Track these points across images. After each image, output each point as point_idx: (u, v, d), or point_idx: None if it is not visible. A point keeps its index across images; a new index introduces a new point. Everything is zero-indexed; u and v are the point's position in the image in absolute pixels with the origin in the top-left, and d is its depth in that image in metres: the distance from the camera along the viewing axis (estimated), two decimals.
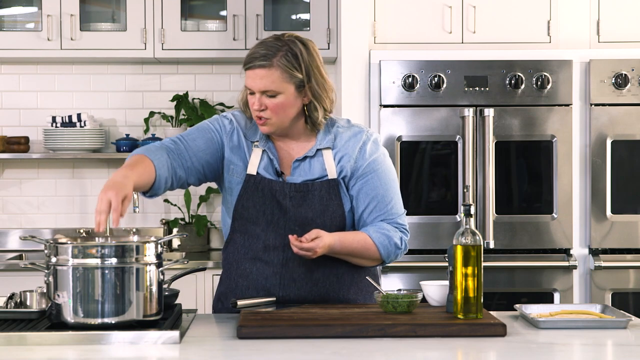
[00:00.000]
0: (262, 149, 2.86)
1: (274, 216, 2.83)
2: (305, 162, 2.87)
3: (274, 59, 2.77)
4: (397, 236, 2.88)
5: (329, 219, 2.83)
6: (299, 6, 5.06)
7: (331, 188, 2.84)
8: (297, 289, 2.85)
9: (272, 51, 2.78)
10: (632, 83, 4.41)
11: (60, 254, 2.48)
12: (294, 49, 2.79)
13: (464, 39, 4.56)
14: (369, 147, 2.89)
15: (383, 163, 2.90)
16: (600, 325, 2.60)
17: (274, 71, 2.76)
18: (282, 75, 2.76)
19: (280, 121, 2.81)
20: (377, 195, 2.87)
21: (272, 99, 2.77)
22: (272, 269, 2.85)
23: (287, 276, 2.84)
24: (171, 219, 5.15)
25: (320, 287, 2.86)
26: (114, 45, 4.86)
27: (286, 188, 2.83)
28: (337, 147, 2.87)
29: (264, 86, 2.76)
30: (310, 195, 2.83)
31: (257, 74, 2.76)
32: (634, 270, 4.44)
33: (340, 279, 2.89)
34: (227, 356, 2.32)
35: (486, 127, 4.38)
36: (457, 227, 4.29)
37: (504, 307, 4.07)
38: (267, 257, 2.85)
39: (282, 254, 2.84)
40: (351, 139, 2.89)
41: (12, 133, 5.14)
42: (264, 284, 2.86)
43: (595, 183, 4.43)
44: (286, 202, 2.83)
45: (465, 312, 2.57)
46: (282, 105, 2.78)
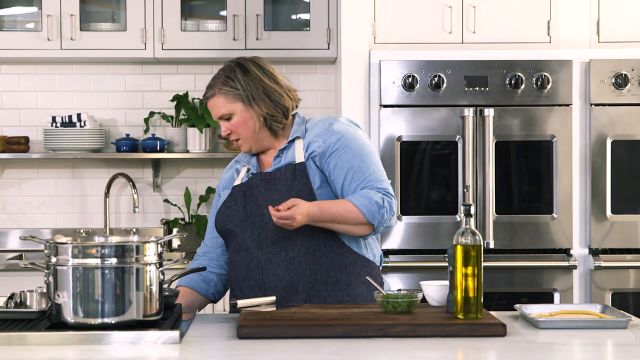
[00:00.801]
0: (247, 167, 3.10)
1: (252, 208, 2.98)
2: (282, 156, 3.04)
3: (214, 88, 3.04)
4: (378, 196, 2.91)
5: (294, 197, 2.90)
6: (299, 6, 5.06)
7: (296, 170, 2.97)
8: (274, 269, 2.92)
9: (214, 82, 3.05)
10: (632, 83, 4.41)
11: (60, 254, 2.48)
12: (229, 74, 3.04)
13: (464, 39, 4.56)
14: (336, 126, 3.02)
15: (355, 137, 3.01)
16: (600, 325, 2.60)
17: (218, 97, 3.03)
18: (226, 99, 3.02)
19: (247, 136, 3.05)
20: (353, 166, 2.96)
21: (229, 121, 3.04)
22: (250, 254, 2.95)
23: (263, 258, 2.93)
24: (171, 219, 5.15)
25: (297, 266, 2.92)
26: (114, 45, 4.86)
27: (254, 179, 3.02)
28: (306, 136, 3.04)
29: (218, 113, 3.05)
30: (275, 180, 2.98)
31: (210, 104, 3.06)
32: (634, 270, 4.45)
33: (318, 260, 2.93)
34: (227, 356, 2.32)
35: (486, 127, 4.38)
36: (457, 227, 4.29)
37: (504, 307, 4.07)
38: (245, 244, 2.96)
39: (256, 239, 2.95)
40: (318, 124, 3.07)
41: (12, 133, 5.14)
42: (246, 270, 2.96)
43: (595, 183, 4.43)
44: (255, 191, 2.99)
45: (465, 312, 2.57)
46: (238, 123, 3.03)
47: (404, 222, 4.39)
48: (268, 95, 3.02)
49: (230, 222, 3.01)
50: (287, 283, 2.91)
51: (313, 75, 5.17)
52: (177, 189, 5.19)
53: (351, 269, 2.95)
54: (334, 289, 2.92)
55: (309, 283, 2.91)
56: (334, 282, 2.93)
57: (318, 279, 2.92)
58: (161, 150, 5.01)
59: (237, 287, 2.99)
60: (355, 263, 2.96)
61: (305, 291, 2.91)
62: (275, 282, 2.91)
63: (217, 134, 5.12)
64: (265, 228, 2.94)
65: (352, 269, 2.95)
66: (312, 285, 2.92)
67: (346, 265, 2.94)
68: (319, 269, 2.92)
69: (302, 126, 3.07)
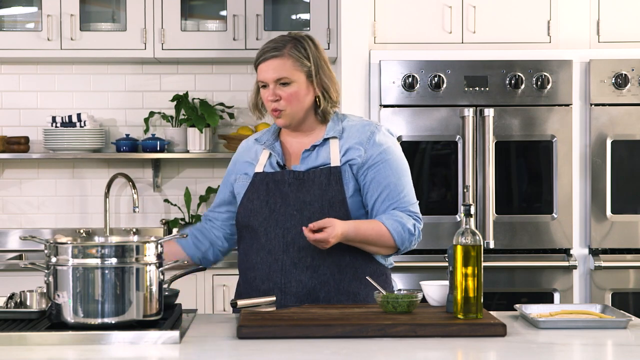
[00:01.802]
0: (269, 151, 2.98)
1: (275, 204, 2.90)
2: (313, 152, 2.95)
3: (284, 49, 2.91)
4: (411, 223, 2.93)
5: (327, 204, 2.87)
6: (299, 6, 5.06)
7: (332, 174, 2.89)
8: (297, 274, 2.87)
9: (281, 44, 2.92)
10: (632, 83, 4.41)
11: (60, 254, 2.48)
12: (302, 42, 2.94)
13: (464, 39, 4.56)
14: (378, 137, 2.95)
15: (394, 153, 2.96)
16: (600, 325, 2.60)
17: (286, 60, 2.90)
18: (293, 64, 2.90)
19: (294, 111, 2.92)
20: (390, 184, 2.93)
21: (285, 87, 2.90)
22: (274, 256, 2.89)
23: (288, 261, 2.88)
24: (171, 219, 5.15)
25: (321, 274, 2.88)
26: (114, 45, 4.86)
27: (286, 175, 2.92)
28: (344, 138, 2.95)
29: (277, 74, 2.89)
30: (309, 181, 2.90)
31: (270, 64, 2.90)
32: (634, 270, 4.44)
33: (343, 270, 2.90)
34: (227, 356, 2.32)
35: (486, 127, 4.38)
36: (457, 227, 4.29)
37: (504, 307, 4.07)
38: (270, 245, 2.90)
39: (282, 240, 2.89)
40: (359, 130, 2.97)
41: (12, 133, 5.14)
42: (267, 271, 2.89)
43: (595, 183, 4.43)
44: (286, 188, 2.91)
45: (465, 312, 2.57)
46: (295, 94, 2.91)
47: None
48: (330, 78, 2.97)
49: (254, 219, 2.93)
50: (308, 290, 2.88)
51: None
52: (177, 189, 5.18)
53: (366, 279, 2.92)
54: (354, 299, 2.92)
55: (331, 292, 2.89)
56: (355, 292, 2.92)
57: (340, 289, 2.90)
58: (161, 150, 5.01)
59: (252, 288, 2.92)
60: (375, 273, 2.95)
61: (326, 300, 2.88)
62: (297, 288, 2.88)
63: (217, 134, 5.12)
64: (292, 230, 2.88)
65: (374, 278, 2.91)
66: (334, 295, 2.89)
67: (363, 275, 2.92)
68: (343, 279, 2.90)
69: (339, 125, 2.98)
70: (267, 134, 3.04)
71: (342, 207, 2.88)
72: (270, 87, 2.91)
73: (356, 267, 2.92)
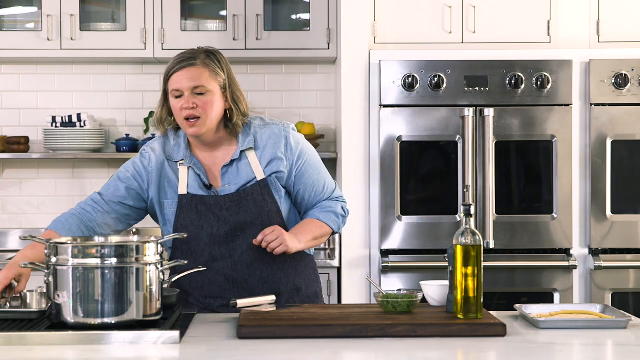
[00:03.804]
0: (188, 166, 2.97)
1: (213, 229, 2.95)
2: (232, 167, 2.98)
3: (198, 60, 2.93)
4: (339, 207, 3.08)
5: (267, 218, 2.96)
6: (299, 6, 5.06)
7: (262, 189, 2.96)
8: (250, 288, 2.97)
9: (194, 55, 2.96)
10: (632, 83, 4.41)
11: (60, 254, 2.48)
12: (215, 54, 3.00)
13: (464, 39, 4.56)
14: (291, 140, 3.01)
15: (307, 149, 3.05)
16: (600, 325, 2.60)
17: (202, 69, 2.92)
18: (209, 74, 2.93)
19: (209, 120, 2.92)
20: (314, 182, 3.04)
21: (201, 97, 2.91)
22: (223, 276, 2.98)
23: (239, 278, 2.97)
24: None
25: (271, 282, 2.99)
26: (114, 45, 4.86)
27: (220, 201, 2.94)
28: (259, 148, 2.99)
29: (194, 82, 2.90)
30: (244, 202, 2.95)
31: (186, 73, 2.91)
32: (634, 270, 4.45)
33: (287, 272, 3.02)
34: (227, 356, 2.32)
35: (486, 127, 4.38)
36: (457, 227, 4.29)
37: (504, 307, 4.07)
38: (217, 267, 2.97)
39: (229, 260, 2.97)
40: (271, 138, 3.00)
41: (12, 133, 5.14)
42: (219, 291, 2.99)
43: (595, 183, 4.43)
44: (223, 213, 2.95)
45: (465, 312, 2.57)
46: (210, 103, 2.91)
47: (404, 222, 4.39)
48: (240, 91, 3.00)
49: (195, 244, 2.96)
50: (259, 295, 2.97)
51: (313, 75, 5.16)
52: None
53: (307, 272, 3.09)
54: (298, 294, 3.04)
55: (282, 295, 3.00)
56: (298, 288, 3.04)
57: (288, 290, 3.02)
58: None
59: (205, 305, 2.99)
60: (307, 265, 3.11)
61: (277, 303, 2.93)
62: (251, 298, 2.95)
63: None
64: (238, 249, 2.96)
65: (307, 272, 3.09)
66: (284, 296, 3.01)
67: (304, 270, 3.08)
68: (288, 281, 3.03)
69: (249, 135, 2.99)
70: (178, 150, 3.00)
71: (278, 216, 2.99)
72: (186, 95, 2.89)
73: (295, 265, 3.04)
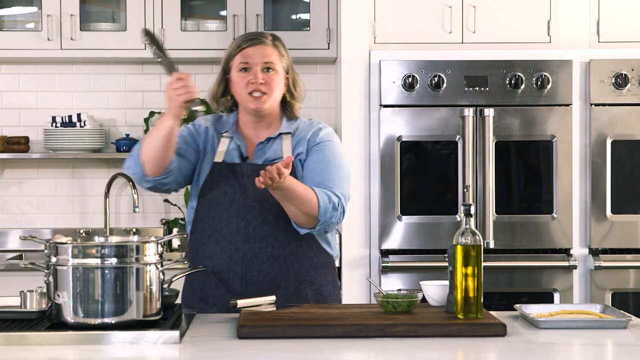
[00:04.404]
0: (230, 137, 3.04)
1: (235, 195, 2.97)
2: (267, 145, 3.03)
3: (266, 39, 3.02)
4: (336, 199, 2.94)
5: None
6: (299, 6, 5.06)
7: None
8: (259, 264, 2.95)
9: (264, 35, 3.05)
10: (632, 83, 4.41)
11: (60, 254, 2.48)
12: (280, 39, 3.08)
13: (464, 39, 4.56)
14: (322, 132, 3.06)
15: (331, 147, 3.04)
16: (600, 325, 2.60)
17: (273, 49, 3.02)
18: (277, 55, 3.02)
19: (273, 98, 3.02)
20: (317, 167, 2.98)
21: (269, 73, 2.99)
22: (235, 245, 2.96)
23: (249, 252, 2.95)
24: (171, 219, 5.15)
25: (281, 264, 2.97)
26: (114, 45, 4.86)
27: (244, 168, 2.98)
28: (296, 135, 3.05)
29: (267, 59, 3.00)
30: None
31: (259, 49, 3.00)
32: (634, 270, 4.44)
33: (300, 259, 2.99)
34: (227, 356, 2.32)
35: (486, 127, 4.38)
36: (457, 227, 4.29)
37: (504, 307, 4.07)
38: (230, 236, 2.97)
39: (243, 231, 2.96)
40: (307, 128, 3.07)
41: (12, 133, 5.14)
42: (228, 261, 2.97)
43: (595, 183, 4.43)
44: (245, 181, 2.97)
45: (465, 312, 2.57)
46: (277, 81, 3.02)
47: (404, 222, 4.39)
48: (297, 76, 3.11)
49: (215, 209, 2.99)
50: (270, 279, 2.97)
51: (313, 75, 5.16)
52: None
53: (323, 269, 3.05)
54: (311, 287, 3.01)
55: (290, 281, 2.98)
56: (311, 281, 3.01)
57: (299, 278, 2.99)
58: None
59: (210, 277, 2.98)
60: (327, 264, 3.07)
61: (286, 288, 2.97)
62: (258, 277, 2.96)
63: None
64: (253, 221, 2.96)
65: (324, 269, 3.05)
66: (293, 283, 2.99)
67: (320, 266, 3.04)
68: (300, 267, 2.99)
69: (295, 124, 3.09)
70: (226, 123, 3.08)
71: None
72: (255, 70, 2.98)
73: (311, 257, 3.01)
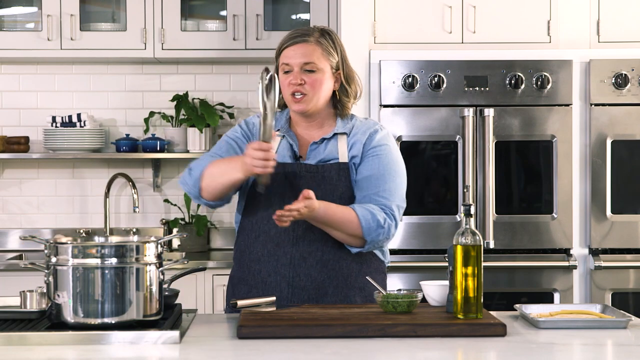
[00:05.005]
0: (282, 135, 2.97)
1: (285, 196, 2.87)
2: (322, 144, 2.96)
3: (312, 37, 2.92)
4: (382, 216, 2.87)
5: (337, 199, 2.88)
6: (299, 6, 5.06)
7: (341, 170, 2.91)
8: (307, 268, 2.88)
9: (309, 32, 2.94)
10: (632, 83, 4.41)
11: (60, 254, 2.48)
12: (330, 34, 2.97)
13: (464, 39, 4.56)
14: (378, 135, 2.97)
15: (389, 153, 2.96)
16: (600, 325, 2.60)
17: (315, 47, 2.91)
18: (322, 53, 2.92)
19: (316, 98, 2.92)
20: (373, 175, 2.91)
21: (310, 74, 2.90)
22: (283, 249, 2.89)
23: (297, 255, 2.88)
24: (171, 219, 5.15)
25: (330, 269, 2.89)
26: (114, 45, 4.86)
27: (297, 168, 2.90)
28: (352, 136, 2.97)
29: (305, 59, 2.90)
30: (320, 176, 2.89)
31: (298, 49, 2.90)
32: (634, 270, 4.44)
33: (349, 265, 2.91)
34: (227, 356, 2.32)
35: (486, 127, 4.38)
36: (457, 227, 4.29)
37: (504, 307, 4.07)
38: (279, 238, 2.89)
39: (292, 234, 2.88)
40: (364, 129, 2.98)
41: (12, 133, 5.14)
42: (275, 265, 2.89)
43: (595, 183, 4.43)
44: (297, 181, 2.89)
45: (465, 312, 2.57)
46: (320, 81, 2.91)
47: (404, 222, 4.39)
48: (352, 74, 3.00)
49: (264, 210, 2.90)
50: (318, 284, 2.89)
51: None
52: (177, 189, 5.18)
53: (375, 275, 2.95)
54: (360, 294, 2.93)
55: (339, 287, 2.90)
56: (361, 287, 2.94)
57: (348, 284, 2.92)
58: (161, 150, 5.01)
59: (257, 280, 2.91)
60: (378, 269, 2.98)
61: (335, 294, 2.90)
62: (305, 282, 2.89)
63: (217, 134, 5.12)
64: (302, 224, 2.86)
65: (374, 275, 2.95)
66: (342, 289, 2.91)
67: (371, 272, 2.95)
68: (350, 273, 2.92)
69: (350, 123, 3.00)
70: (279, 120, 3.01)
71: (349, 201, 2.90)
72: (295, 71, 2.90)
73: (361, 263, 2.94)
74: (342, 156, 2.93)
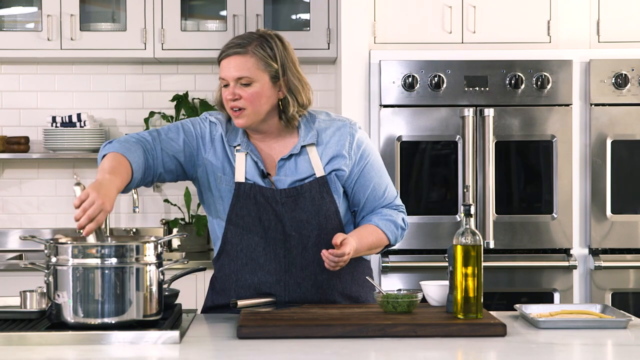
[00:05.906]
0: (245, 152, 2.83)
1: (270, 222, 2.81)
2: (290, 160, 2.84)
3: (248, 47, 2.77)
4: (400, 218, 2.95)
5: (323, 218, 2.83)
6: (299, 6, 5.06)
7: (321, 186, 2.82)
8: (302, 293, 2.85)
9: (246, 41, 2.78)
10: (632, 83, 4.41)
11: (60, 254, 2.48)
12: (269, 41, 2.79)
13: (464, 39, 4.56)
14: (356, 139, 2.87)
15: (372, 150, 2.93)
16: (600, 325, 2.60)
17: (249, 58, 2.76)
18: (257, 63, 2.76)
19: (254, 112, 2.77)
20: (375, 185, 2.91)
21: (246, 87, 2.76)
22: (275, 276, 2.84)
23: (291, 282, 2.84)
24: (171, 219, 5.15)
25: (326, 289, 2.87)
26: (114, 45, 4.86)
27: (277, 195, 2.80)
28: (322, 144, 2.85)
29: (238, 73, 2.75)
30: (302, 198, 2.81)
31: (232, 61, 2.76)
32: (634, 270, 4.44)
33: (342, 278, 2.90)
34: (227, 356, 2.32)
35: (486, 127, 4.38)
36: (457, 227, 4.29)
37: (504, 307, 4.07)
38: (269, 266, 2.83)
39: (283, 261, 2.83)
40: (336, 134, 2.87)
41: (12, 133, 5.14)
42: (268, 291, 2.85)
43: (595, 183, 4.43)
44: (279, 208, 2.80)
45: (465, 312, 2.57)
46: (256, 94, 2.76)
47: None
48: (299, 80, 2.82)
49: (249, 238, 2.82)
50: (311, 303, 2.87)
51: (313, 75, 5.16)
52: (177, 189, 5.18)
53: (364, 280, 2.95)
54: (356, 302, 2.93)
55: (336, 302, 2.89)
56: (355, 298, 2.93)
57: (343, 295, 2.91)
58: None
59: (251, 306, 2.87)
60: (364, 272, 2.97)
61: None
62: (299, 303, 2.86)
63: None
64: (293, 250, 2.82)
65: (364, 281, 2.95)
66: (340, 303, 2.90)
67: (360, 277, 2.94)
68: (345, 287, 2.91)
69: (312, 129, 2.86)
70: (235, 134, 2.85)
71: (336, 217, 2.85)
72: (231, 86, 2.76)
73: (352, 271, 2.92)
74: (317, 170, 2.82)
